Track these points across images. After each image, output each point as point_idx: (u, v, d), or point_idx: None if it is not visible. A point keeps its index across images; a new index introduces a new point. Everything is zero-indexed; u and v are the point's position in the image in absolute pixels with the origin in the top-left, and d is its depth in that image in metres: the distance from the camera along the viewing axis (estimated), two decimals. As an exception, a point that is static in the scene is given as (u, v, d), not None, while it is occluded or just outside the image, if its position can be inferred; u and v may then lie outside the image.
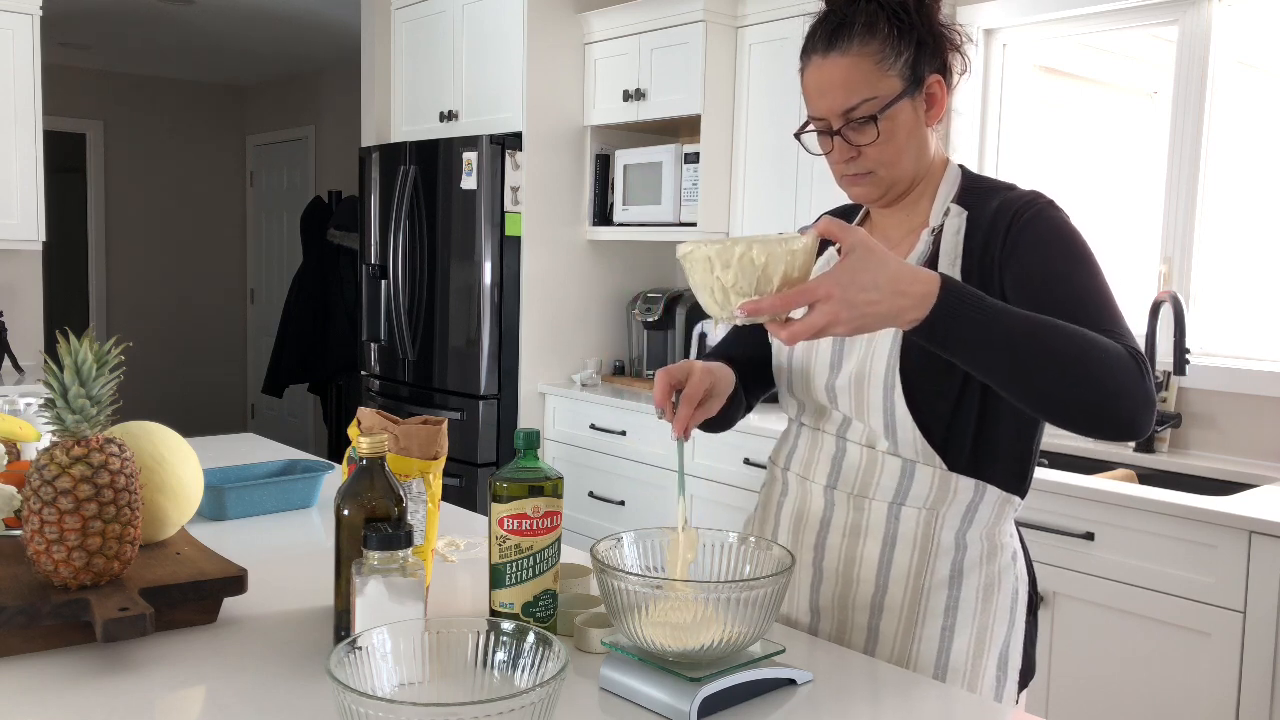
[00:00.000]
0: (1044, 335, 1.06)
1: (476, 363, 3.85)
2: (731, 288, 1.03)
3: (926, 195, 1.35)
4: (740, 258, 1.02)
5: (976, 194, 1.32)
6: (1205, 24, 2.81)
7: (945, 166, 1.35)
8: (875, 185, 1.32)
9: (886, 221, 1.39)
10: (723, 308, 1.05)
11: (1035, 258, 1.22)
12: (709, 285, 1.05)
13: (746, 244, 1.02)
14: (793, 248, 1.02)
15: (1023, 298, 1.20)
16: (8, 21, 3.94)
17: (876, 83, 1.25)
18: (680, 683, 1.07)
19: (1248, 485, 2.58)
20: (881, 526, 1.32)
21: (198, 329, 7.58)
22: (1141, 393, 1.09)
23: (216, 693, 1.11)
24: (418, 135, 4.30)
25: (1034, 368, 1.06)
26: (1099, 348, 1.07)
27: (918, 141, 1.30)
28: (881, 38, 1.24)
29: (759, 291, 1.03)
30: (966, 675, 1.30)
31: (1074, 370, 1.06)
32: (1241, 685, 2.17)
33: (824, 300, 1.01)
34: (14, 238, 4.02)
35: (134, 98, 7.20)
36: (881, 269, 1.01)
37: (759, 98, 3.54)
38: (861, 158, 1.29)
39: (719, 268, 1.03)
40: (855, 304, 1.01)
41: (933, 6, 1.29)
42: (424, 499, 1.34)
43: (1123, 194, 3.23)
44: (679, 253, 1.09)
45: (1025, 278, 1.21)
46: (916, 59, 1.26)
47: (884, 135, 1.26)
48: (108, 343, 1.27)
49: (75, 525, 1.19)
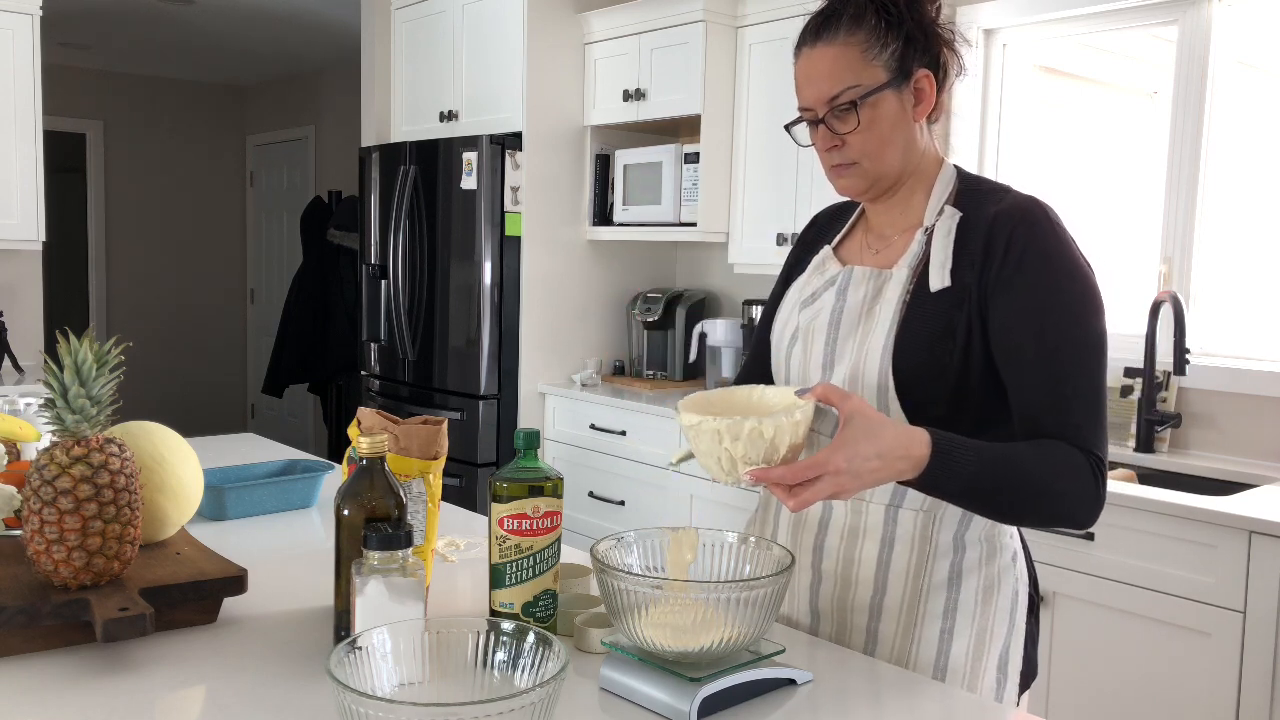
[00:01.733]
0: (1021, 479, 1.16)
1: (476, 363, 3.85)
2: (741, 458, 1.11)
3: (919, 193, 1.35)
4: (750, 432, 1.09)
5: (972, 196, 1.31)
6: (1205, 24, 2.81)
7: (940, 166, 1.35)
8: (860, 177, 1.32)
9: (880, 219, 1.39)
10: (729, 474, 1.13)
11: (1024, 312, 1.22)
12: (716, 454, 1.12)
13: (756, 420, 1.09)
14: (796, 419, 1.10)
15: (1008, 362, 1.23)
16: (8, 21, 3.94)
17: (860, 71, 1.26)
18: (680, 683, 1.07)
19: (1248, 485, 2.58)
20: (879, 528, 1.32)
21: (198, 329, 7.58)
22: (1093, 501, 1.20)
23: (216, 693, 1.11)
24: (418, 135, 4.30)
25: (1007, 505, 1.18)
26: (1063, 474, 1.18)
27: (904, 135, 1.30)
28: (868, 29, 1.26)
29: (766, 460, 1.11)
30: (966, 677, 1.30)
31: (1041, 502, 1.18)
32: (1241, 685, 2.17)
33: (834, 473, 1.08)
34: (14, 238, 4.02)
35: (134, 98, 7.20)
36: (881, 438, 1.10)
37: (759, 98, 3.54)
38: (845, 147, 1.30)
39: (728, 440, 1.10)
40: (860, 474, 1.09)
41: (923, 3, 1.30)
42: (424, 499, 1.34)
43: (1123, 194, 3.23)
44: (682, 422, 1.15)
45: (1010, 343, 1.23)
46: (904, 52, 1.27)
47: (865, 123, 1.27)
48: (108, 343, 1.27)
49: (75, 525, 1.19)
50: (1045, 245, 1.23)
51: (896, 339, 1.27)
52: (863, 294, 1.33)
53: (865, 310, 1.32)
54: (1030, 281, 1.22)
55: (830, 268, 1.40)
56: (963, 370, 1.25)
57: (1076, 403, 1.21)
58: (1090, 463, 1.19)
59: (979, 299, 1.24)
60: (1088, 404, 1.21)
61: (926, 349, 1.25)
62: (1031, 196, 1.28)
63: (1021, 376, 1.23)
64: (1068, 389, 1.21)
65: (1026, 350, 1.22)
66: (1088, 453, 1.19)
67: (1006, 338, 1.23)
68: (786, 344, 1.41)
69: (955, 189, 1.33)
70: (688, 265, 4.30)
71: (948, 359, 1.25)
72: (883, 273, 1.32)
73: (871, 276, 1.33)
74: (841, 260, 1.41)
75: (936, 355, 1.25)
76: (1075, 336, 1.22)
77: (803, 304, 1.41)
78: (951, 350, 1.25)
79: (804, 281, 1.43)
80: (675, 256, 4.35)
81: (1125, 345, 2.98)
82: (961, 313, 1.25)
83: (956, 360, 1.25)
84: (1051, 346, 1.21)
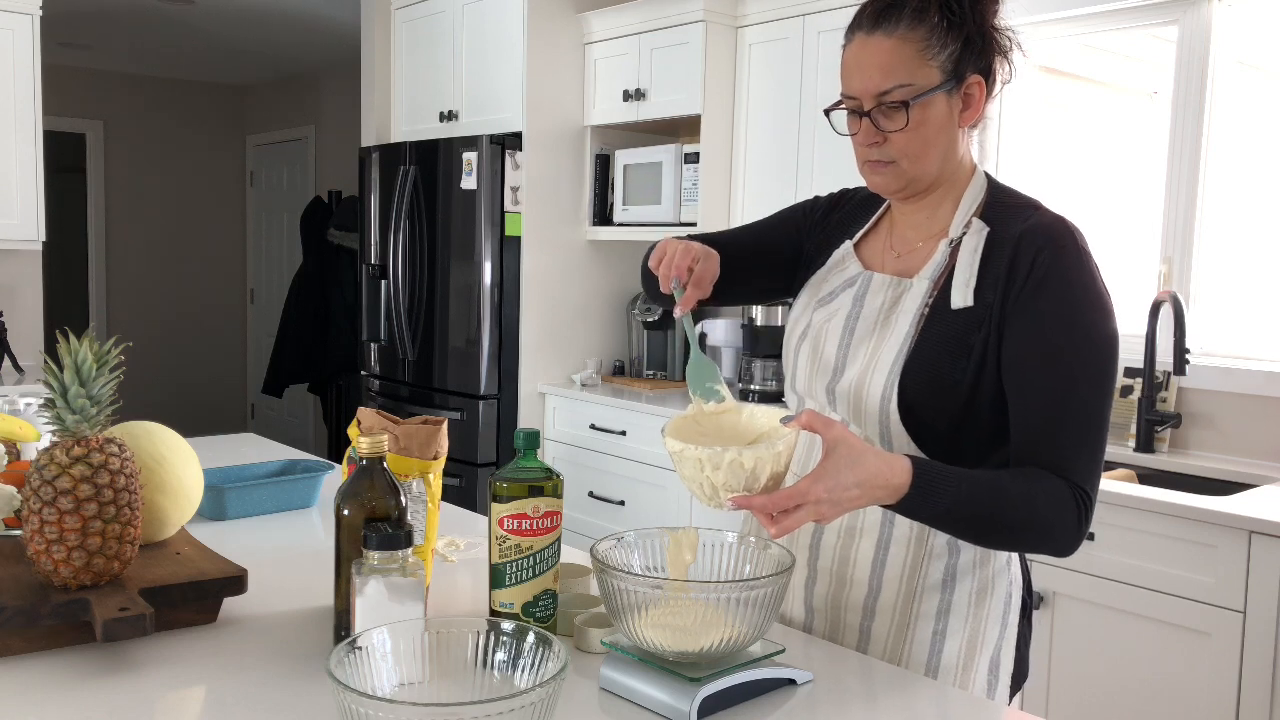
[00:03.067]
0: (1001, 510, 1.16)
1: (476, 363, 3.85)
2: (722, 486, 1.11)
3: (949, 200, 1.32)
4: (730, 463, 1.10)
5: (1001, 210, 1.29)
6: (1205, 24, 2.81)
7: (973, 174, 1.33)
8: (896, 177, 1.28)
9: (905, 221, 1.36)
10: (711, 499, 1.14)
11: (1039, 339, 1.21)
12: (699, 480, 1.13)
13: (736, 451, 1.09)
14: (777, 450, 1.11)
15: (1014, 384, 1.23)
16: (8, 21, 3.94)
17: (915, 69, 1.22)
18: (680, 683, 1.07)
19: (1248, 485, 2.58)
20: (876, 528, 1.32)
21: (198, 329, 7.58)
22: (1074, 536, 1.20)
23: (216, 693, 1.11)
24: (418, 135, 4.30)
25: (986, 534, 1.19)
26: (1045, 508, 1.17)
27: (947, 140, 1.27)
28: (929, 26, 1.22)
29: (748, 489, 1.11)
30: (957, 678, 1.30)
31: (1022, 535, 1.19)
32: (1241, 685, 2.17)
33: (815, 503, 1.08)
34: (14, 238, 4.02)
35: (134, 98, 7.20)
36: (861, 467, 1.09)
37: (759, 98, 3.54)
38: (887, 144, 1.26)
39: (709, 468, 1.11)
40: (840, 502, 1.09)
41: (988, 6, 1.26)
42: (424, 499, 1.34)
43: (1123, 194, 3.23)
44: (668, 447, 1.15)
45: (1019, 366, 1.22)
46: (962, 55, 1.23)
47: (913, 124, 1.23)
48: (108, 343, 1.27)
49: (75, 525, 1.19)
50: (1069, 273, 1.21)
51: (910, 353, 1.25)
52: (880, 302, 1.32)
53: (882, 319, 1.31)
54: (1049, 309, 1.21)
55: (850, 267, 1.39)
56: (974, 389, 1.24)
57: (1073, 436, 1.20)
58: (1076, 497, 1.18)
59: (999, 319, 1.23)
60: (1085, 439, 1.20)
61: (938, 365, 1.24)
62: (1060, 217, 1.26)
63: (1025, 400, 1.21)
64: (1067, 421, 1.20)
65: (1034, 376, 1.21)
66: (1075, 486, 1.18)
67: (1016, 361, 1.22)
68: (796, 340, 1.40)
69: (984, 200, 1.31)
70: (688, 265, 4.29)
71: (960, 376, 1.23)
72: (902, 282, 1.31)
73: (891, 285, 1.32)
74: (861, 259, 1.39)
75: (948, 372, 1.24)
76: (1085, 370, 1.20)
77: (819, 302, 1.39)
78: (965, 369, 1.23)
79: (821, 277, 1.42)
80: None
81: (1125, 345, 2.97)
82: (980, 333, 1.23)
83: (969, 378, 1.23)
84: (1059, 377, 1.20)
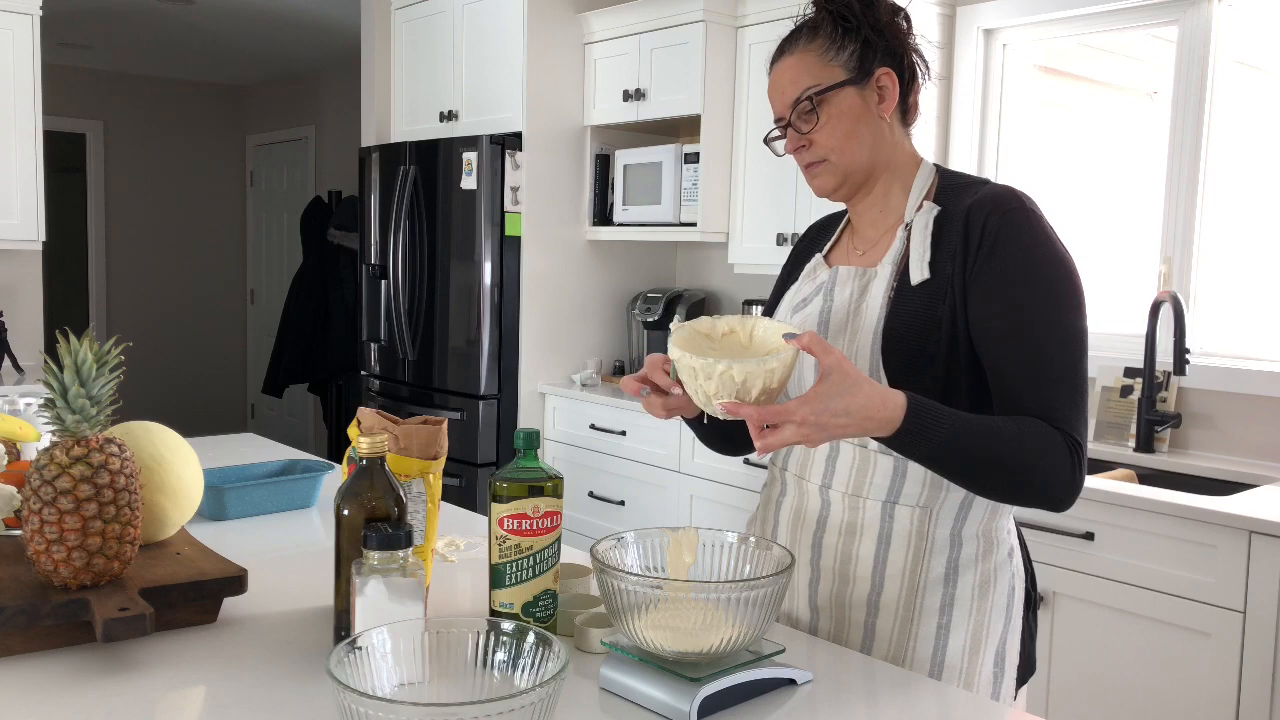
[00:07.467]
0: (994, 449, 1.17)
1: (476, 363, 3.86)
2: (714, 396, 1.14)
3: (896, 190, 1.38)
4: (720, 374, 1.13)
5: (951, 190, 1.35)
6: (1205, 24, 2.81)
7: (918, 165, 1.39)
8: (830, 174, 1.36)
9: (862, 220, 1.42)
10: (706, 406, 1.17)
11: (1001, 297, 1.24)
12: (694, 388, 1.17)
13: (727, 363, 1.12)
14: (770, 367, 1.13)
15: (987, 347, 1.25)
16: (8, 21, 3.94)
17: (819, 73, 1.33)
18: (680, 683, 1.07)
19: (1248, 485, 2.58)
20: (876, 525, 1.33)
21: (198, 329, 7.58)
22: (1069, 481, 1.21)
23: (216, 693, 1.11)
24: (418, 135, 4.30)
25: (980, 475, 1.19)
26: (1038, 450, 1.18)
27: (869, 130, 1.34)
28: (825, 35, 1.34)
29: (739, 399, 1.14)
30: (963, 673, 1.31)
31: (1016, 477, 1.19)
32: (1241, 685, 2.17)
33: (799, 424, 1.10)
34: (14, 238, 4.02)
35: (134, 98, 7.20)
36: (854, 395, 1.11)
37: (759, 98, 3.54)
38: (813, 146, 1.35)
39: (702, 378, 1.14)
40: (827, 427, 1.11)
41: (877, 7, 1.36)
42: (424, 499, 1.34)
43: (1123, 194, 3.23)
44: (669, 354, 1.20)
45: (988, 328, 1.24)
46: (863, 53, 1.33)
47: (825, 119, 1.33)
48: (108, 343, 1.27)
49: (75, 525, 1.19)
50: (1019, 231, 1.25)
51: (884, 334, 1.29)
52: (849, 293, 1.36)
53: (853, 309, 1.35)
54: (1004, 268, 1.24)
55: (820, 274, 1.44)
56: (950, 359, 1.27)
57: (1053, 385, 1.22)
58: (1067, 442, 1.20)
59: (961, 289, 1.27)
60: (1065, 387, 1.22)
61: (913, 341, 1.27)
62: (1008, 186, 1.31)
63: (1000, 361, 1.24)
64: (1045, 371, 1.22)
65: (1003, 334, 1.24)
66: (1065, 434, 1.21)
67: (984, 323, 1.25)
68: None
69: (935, 185, 1.37)
70: (688, 265, 4.30)
71: (935, 349, 1.27)
72: (867, 271, 1.36)
73: (856, 275, 1.37)
74: (830, 266, 1.45)
75: (923, 346, 1.27)
76: (1051, 319, 1.23)
77: (794, 309, 1.44)
78: (938, 340, 1.27)
79: (796, 289, 1.48)
80: (675, 256, 4.35)
81: (1125, 345, 2.99)
82: (945, 304, 1.27)
83: (944, 350, 1.27)
84: (1028, 329, 1.23)
